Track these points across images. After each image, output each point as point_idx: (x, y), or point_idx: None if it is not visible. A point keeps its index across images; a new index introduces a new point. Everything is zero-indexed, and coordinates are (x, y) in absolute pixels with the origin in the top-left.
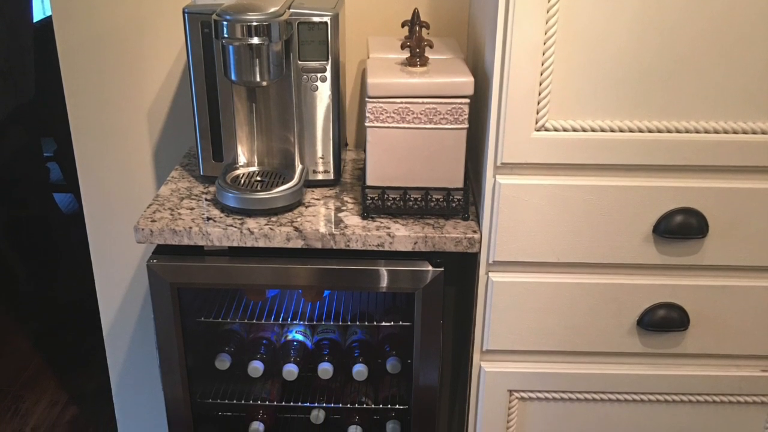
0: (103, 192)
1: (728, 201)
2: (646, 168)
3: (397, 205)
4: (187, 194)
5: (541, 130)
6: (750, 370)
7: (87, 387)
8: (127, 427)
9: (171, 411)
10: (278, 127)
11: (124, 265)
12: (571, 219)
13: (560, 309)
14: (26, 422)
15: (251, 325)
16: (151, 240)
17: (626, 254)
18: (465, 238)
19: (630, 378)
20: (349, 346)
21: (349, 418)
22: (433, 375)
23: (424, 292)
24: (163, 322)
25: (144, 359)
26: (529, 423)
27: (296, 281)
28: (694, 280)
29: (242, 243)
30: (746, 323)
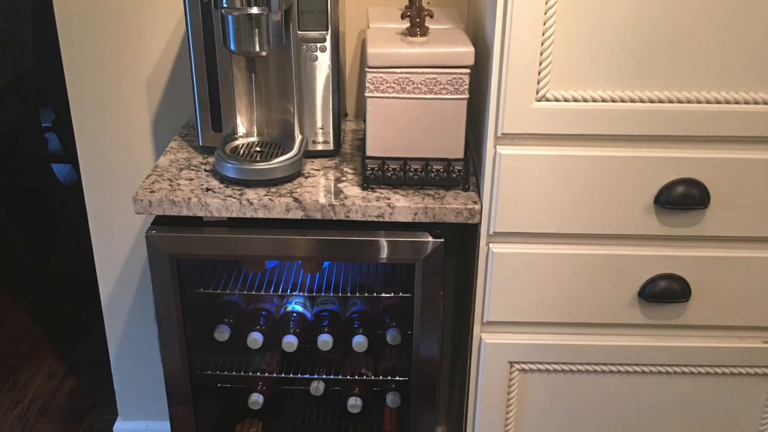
0: (102, 162)
1: (730, 171)
2: (647, 138)
3: (397, 176)
4: (186, 165)
5: (541, 101)
6: (752, 341)
7: (85, 358)
8: (125, 398)
9: (170, 382)
10: (278, 98)
11: (123, 236)
12: (571, 190)
13: (561, 280)
14: (24, 394)
15: (250, 297)
16: (149, 211)
17: (627, 225)
18: (465, 209)
19: (631, 349)
20: (348, 317)
21: (349, 389)
22: (434, 346)
23: (425, 263)
24: (162, 293)
25: (143, 331)
26: (530, 394)
27: (296, 252)
28: (695, 251)
29: (241, 214)
30: (748, 294)
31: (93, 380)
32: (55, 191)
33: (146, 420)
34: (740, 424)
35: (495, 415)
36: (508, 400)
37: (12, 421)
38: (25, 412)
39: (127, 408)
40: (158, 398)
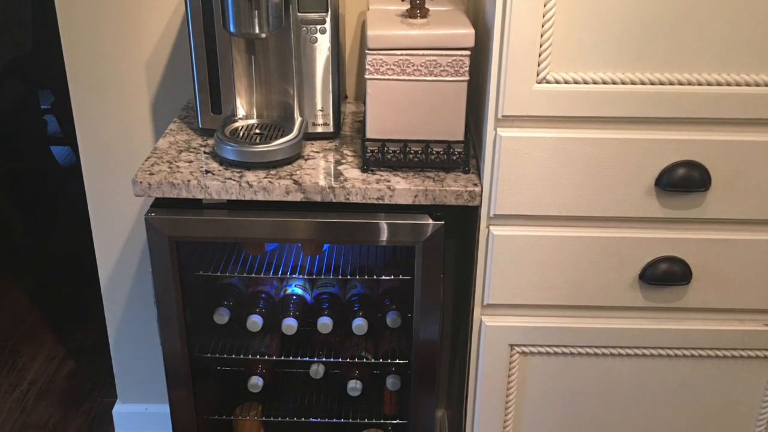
0: (101, 145)
1: (731, 154)
2: (648, 120)
3: (397, 158)
4: (186, 147)
5: (542, 83)
6: (753, 324)
7: (85, 341)
8: (125, 381)
9: (169, 365)
10: (277, 80)
11: (122, 219)
12: (572, 172)
13: (562, 263)
14: (24, 377)
15: (250, 279)
16: (149, 193)
17: (628, 207)
18: (465, 192)
19: (632, 332)
20: (348, 300)
21: (349, 372)
22: (434, 329)
23: (425, 246)
24: (162, 276)
25: (142, 313)
26: (530, 377)
27: (295, 235)
28: (696, 233)
29: (241, 196)
30: (749, 277)
31: (92, 363)
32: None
33: (145, 403)
34: (741, 407)
35: (495, 398)
36: (509, 383)
37: (11, 404)
38: (24, 394)
39: (126, 391)
40: (157, 381)
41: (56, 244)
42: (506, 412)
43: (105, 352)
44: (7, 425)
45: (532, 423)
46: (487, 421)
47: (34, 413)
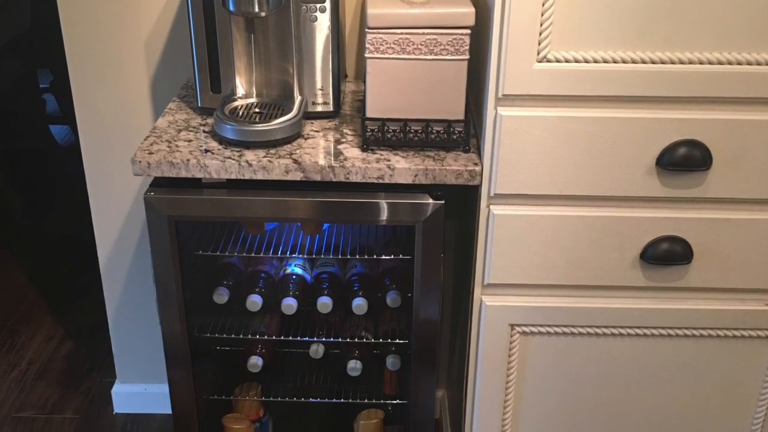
0: (100, 124)
1: (732, 133)
2: (649, 99)
3: (398, 137)
4: (185, 126)
5: (542, 62)
6: (754, 304)
7: (83, 321)
8: (124, 361)
9: (168, 345)
10: (277, 59)
11: (121, 198)
12: (573, 151)
13: (562, 242)
14: (22, 357)
15: (250, 259)
16: (148, 172)
17: (629, 187)
18: (466, 171)
19: (633, 312)
20: (348, 279)
21: (349, 352)
22: (434, 309)
23: (425, 225)
24: (161, 255)
25: (141, 293)
26: (531, 357)
27: (295, 214)
28: (697, 212)
29: (240, 175)
30: (751, 257)
31: (91, 343)
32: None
33: (144, 383)
34: (742, 387)
35: (496, 378)
36: (509, 363)
37: (10, 384)
38: (22, 374)
39: (125, 371)
40: (157, 361)
41: (55, 224)
42: (506, 392)
43: (104, 331)
44: (5, 405)
45: (533, 403)
46: (488, 401)
47: (33, 393)
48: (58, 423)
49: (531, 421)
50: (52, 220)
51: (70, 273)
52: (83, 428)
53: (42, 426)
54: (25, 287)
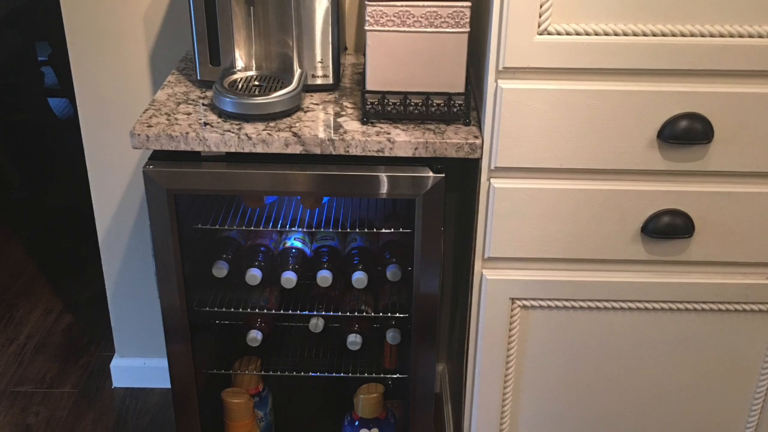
0: (99, 97)
1: (734, 106)
2: (650, 72)
3: (398, 110)
4: (184, 99)
5: (543, 34)
6: (756, 277)
7: (82, 295)
8: (122, 335)
9: (167, 319)
10: (276, 31)
11: (120, 171)
12: (574, 124)
13: (563, 216)
14: (20, 331)
15: (249, 232)
16: (147, 145)
17: (630, 160)
18: (466, 144)
19: (634, 286)
20: (348, 253)
21: (349, 326)
22: (434, 283)
23: (425, 199)
24: (160, 229)
25: (140, 267)
26: (532, 331)
27: (295, 187)
28: (699, 186)
29: (240, 149)
30: (752, 230)
31: (89, 317)
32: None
33: (143, 357)
34: (744, 361)
35: (496, 352)
36: (510, 337)
37: (8, 358)
38: (21, 349)
39: (124, 345)
40: (155, 335)
41: (53, 197)
42: (507, 366)
43: (103, 305)
44: (4, 379)
45: (533, 377)
46: (488, 375)
47: (32, 367)
48: (56, 397)
49: (531, 394)
50: (51, 193)
51: (69, 247)
52: (82, 402)
53: (40, 400)
54: (23, 261)
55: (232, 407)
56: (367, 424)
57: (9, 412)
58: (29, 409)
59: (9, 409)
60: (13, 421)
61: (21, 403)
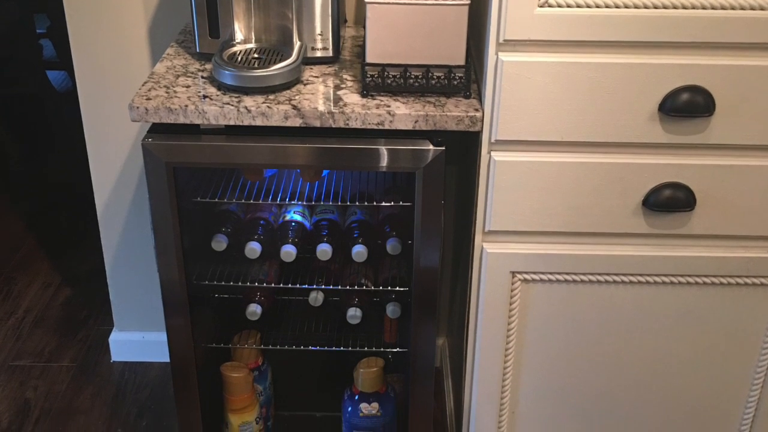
0: (98, 69)
1: (736, 79)
2: (651, 45)
3: (398, 83)
4: (183, 72)
5: (544, 6)
6: (757, 251)
7: (80, 268)
8: (121, 309)
9: (166, 293)
10: (276, 3)
11: (119, 144)
12: (575, 97)
13: (564, 189)
14: (19, 304)
15: (248, 206)
16: (146, 118)
17: (631, 133)
18: (467, 117)
19: (635, 259)
20: (348, 226)
21: (349, 300)
22: (434, 256)
23: (425, 172)
24: (159, 202)
25: (139, 240)
26: (532, 305)
27: (294, 160)
28: (700, 159)
29: (239, 121)
30: (754, 203)
31: (88, 291)
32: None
33: (142, 331)
34: (745, 335)
35: (497, 326)
36: (510, 311)
37: (6, 332)
38: (19, 322)
39: (122, 319)
40: (154, 309)
41: (52, 171)
42: (508, 340)
43: (101, 279)
44: (2, 353)
45: (534, 350)
46: (489, 349)
47: (30, 341)
48: (55, 371)
49: (532, 368)
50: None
51: (68, 220)
52: (80, 376)
53: (39, 374)
54: (21, 234)
55: (231, 381)
56: (367, 398)
57: (7, 386)
58: (27, 383)
59: (7, 383)
60: (12, 395)
61: (19, 377)
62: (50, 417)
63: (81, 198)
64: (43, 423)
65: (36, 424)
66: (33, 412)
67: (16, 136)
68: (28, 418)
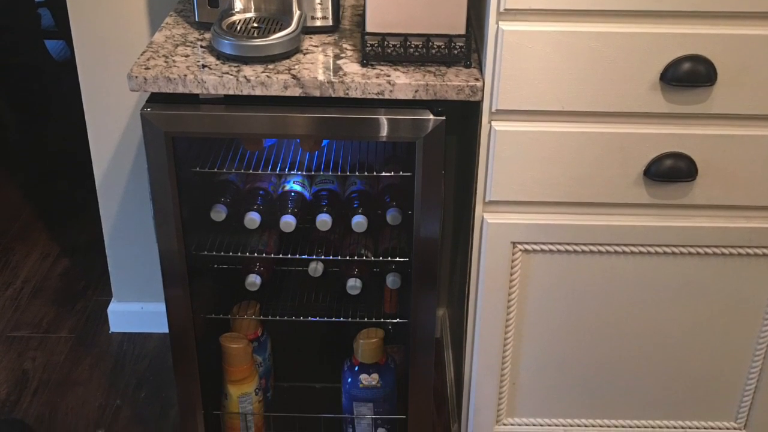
0: (96, 38)
1: (737, 48)
2: (653, 14)
3: (398, 53)
4: (182, 41)
5: None
6: (760, 221)
7: (79, 239)
8: (120, 279)
9: (165, 263)
10: None
11: (117, 114)
12: (576, 66)
13: (565, 159)
14: (17, 275)
15: (248, 176)
16: (144, 88)
17: (633, 102)
18: (467, 86)
19: (636, 229)
20: (348, 196)
21: (349, 270)
22: (434, 226)
23: (425, 142)
24: (157, 172)
25: (138, 211)
26: (533, 276)
27: (294, 130)
28: (702, 129)
29: (238, 91)
30: (756, 174)
31: (87, 261)
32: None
33: (141, 302)
34: (747, 306)
35: (497, 296)
36: (511, 281)
37: (4, 302)
38: (17, 293)
39: (121, 290)
40: (153, 280)
41: (50, 140)
42: (508, 311)
43: (100, 249)
44: (0, 324)
45: (535, 321)
46: (489, 320)
47: (28, 312)
48: (53, 342)
49: (533, 339)
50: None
51: (66, 190)
52: (79, 347)
53: (37, 345)
54: (19, 205)
55: (230, 352)
56: (367, 369)
57: (5, 357)
58: (26, 354)
59: (5, 354)
60: (10, 366)
61: (17, 348)
62: (48, 388)
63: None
64: (41, 394)
65: (34, 395)
66: (31, 383)
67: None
68: (26, 389)
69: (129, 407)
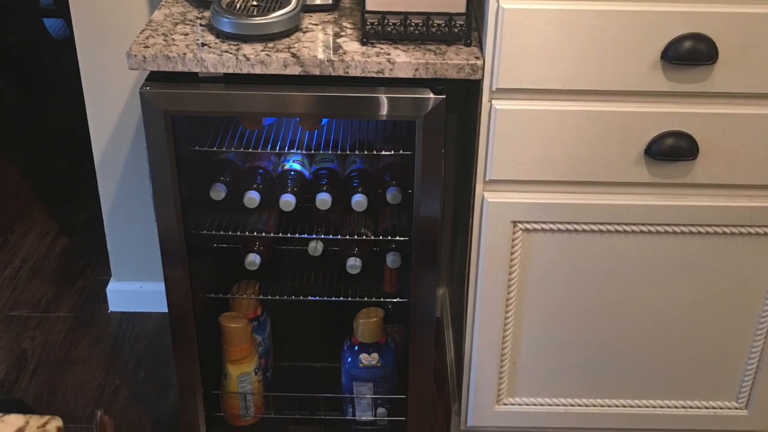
0: (95, 17)
1: (739, 26)
2: None
3: (398, 31)
4: (181, 19)
5: None
6: (761, 200)
7: (78, 218)
8: (119, 259)
9: (164, 242)
10: None
11: (116, 93)
12: (576, 45)
13: (566, 138)
14: (15, 254)
15: (247, 155)
16: (144, 66)
17: (633, 81)
18: (467, 65)
19: (637, 209)
20: (348, 175)
21: (348, 249)
22: (435, 205)
23: (425, 120)
24: (157, 151)
25: (137, 190)
26: (534, 255)
27: (293, 109)
28: (703, 107)
29: (238, 69)
30: (757, 152)
31: (86, 240)
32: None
33: (140, 281)
34: (748, 285)
35: (498, 276)
36: (512, 260)
37: (3, 282)
38: (16, 272)
39: (120, 269)
40: (152, 259)
41: (49, 119)
42: (509, 290)
43: (99, 228)
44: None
45: (535, 300)
46: (489, 299)
47: (27, 291)
48: (52, 321)
49: (533, 319)
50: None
51: (65, 169)
52: (78, 327)
53: (36, 324)
54: (18, 183)
55: (230, 331)
56: (367, 348)
57: (4, 337)
58: (24, 333)
59: (4, 334)
60: (8, 345)
61: (16, 328)
62: (47, 368)
63: (78, 147)
64: (40, 374)
65: (33, 375)
66: (30, 363)
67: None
68: (25, 369)
69: (128, 387)
